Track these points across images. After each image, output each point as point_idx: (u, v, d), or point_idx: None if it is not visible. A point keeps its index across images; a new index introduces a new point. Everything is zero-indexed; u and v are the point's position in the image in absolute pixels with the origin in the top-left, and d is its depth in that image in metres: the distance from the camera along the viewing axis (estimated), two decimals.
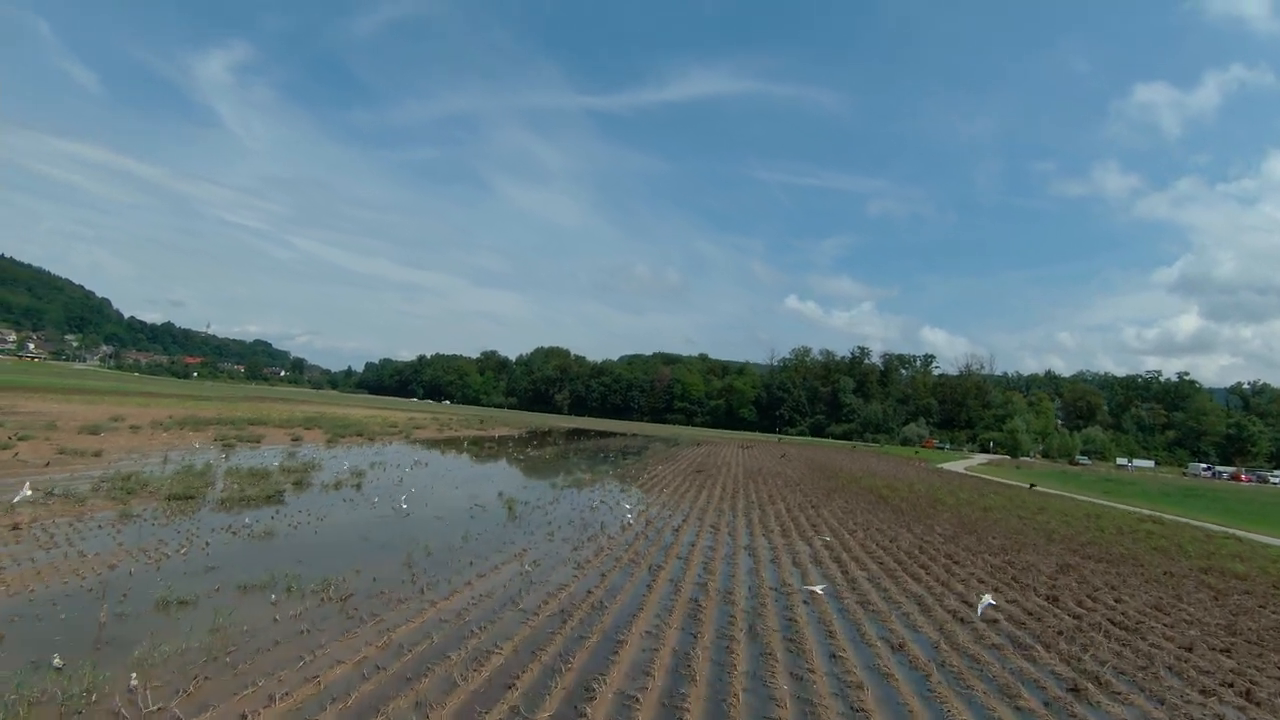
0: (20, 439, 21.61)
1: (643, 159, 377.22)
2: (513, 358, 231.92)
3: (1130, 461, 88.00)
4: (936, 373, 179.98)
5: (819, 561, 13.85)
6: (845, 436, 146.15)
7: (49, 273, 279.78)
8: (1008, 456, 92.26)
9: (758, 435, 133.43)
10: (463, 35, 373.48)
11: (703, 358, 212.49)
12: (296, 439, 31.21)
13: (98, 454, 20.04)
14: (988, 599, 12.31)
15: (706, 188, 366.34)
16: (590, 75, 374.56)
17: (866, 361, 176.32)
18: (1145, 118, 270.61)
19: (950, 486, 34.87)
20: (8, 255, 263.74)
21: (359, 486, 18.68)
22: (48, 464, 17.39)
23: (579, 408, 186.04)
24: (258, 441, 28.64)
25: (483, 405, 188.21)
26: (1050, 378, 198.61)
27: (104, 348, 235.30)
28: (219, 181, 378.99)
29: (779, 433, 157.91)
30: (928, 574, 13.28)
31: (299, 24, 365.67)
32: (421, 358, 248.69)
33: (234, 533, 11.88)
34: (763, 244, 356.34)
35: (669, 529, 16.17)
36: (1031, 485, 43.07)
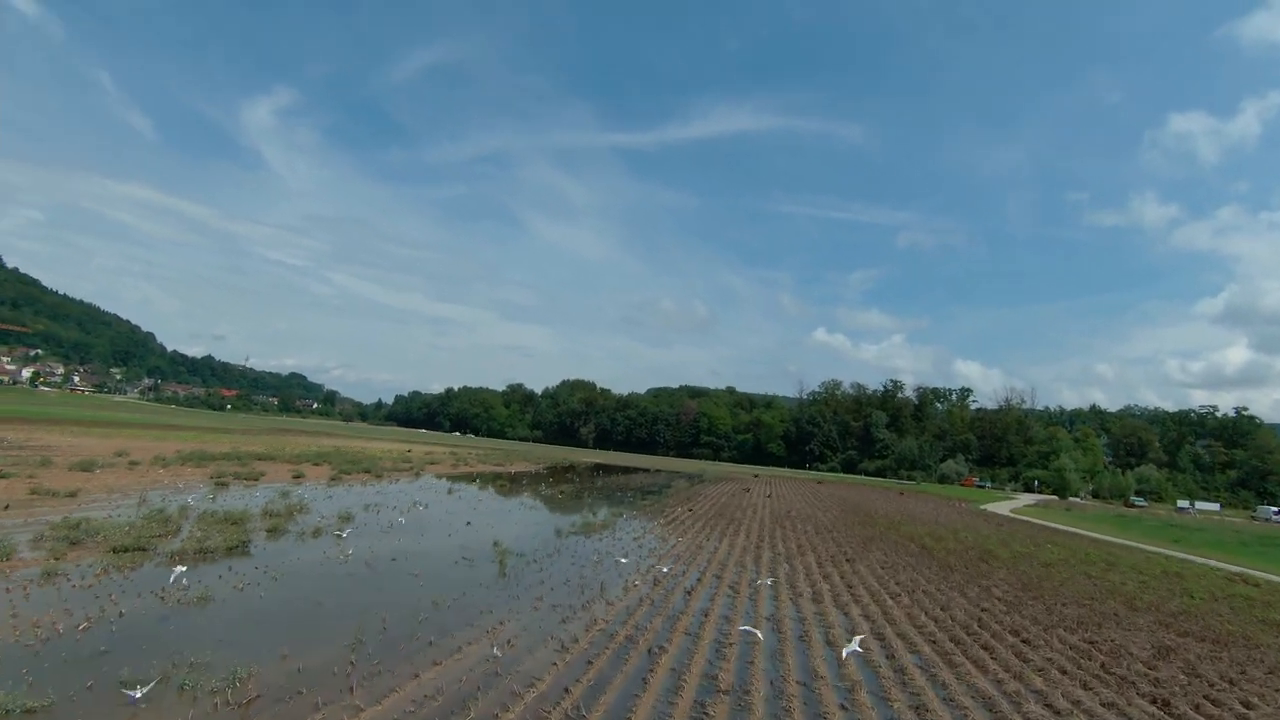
0: (1, 477, 20.55)
1: (670, 194, 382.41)
2: (539, 390, 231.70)
3: (1192, 504, 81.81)
4: (974, 407, 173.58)
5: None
6: (879, 473, 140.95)
7: (98, 308, 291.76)
8: (1055, 497, 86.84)
9: (789, 471, 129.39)
10: (496, 79, 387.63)
11: (730, 391, 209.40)
12: (299, 476, 29.83)
13: (73, 494, 18.75)
14: (857, 642, 10.09)
15: (733, 222, 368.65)
16: (618, 114, 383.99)
17: (900, 395, 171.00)
18: (1182, 147, 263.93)
19: (1000, 534, 31.71)
20: (60, 291, 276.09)
21: (341, 534, 16.92)
22: (6, 507, 16.07)
23: (604, 441, 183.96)
24: (256, 479, 27.29)
25: (508, 438, 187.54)
26: (1095, 412, 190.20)
27: (146, 380, 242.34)
28: (263, 221, 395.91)
29: (810, 468, 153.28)
30: (994, 659, 10.83)
31: (341, 70, 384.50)
32: (449, 390, 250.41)
33: (163, 598, 10.15)
34: (790, 277, 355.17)
35: (680, 590, 13.97)
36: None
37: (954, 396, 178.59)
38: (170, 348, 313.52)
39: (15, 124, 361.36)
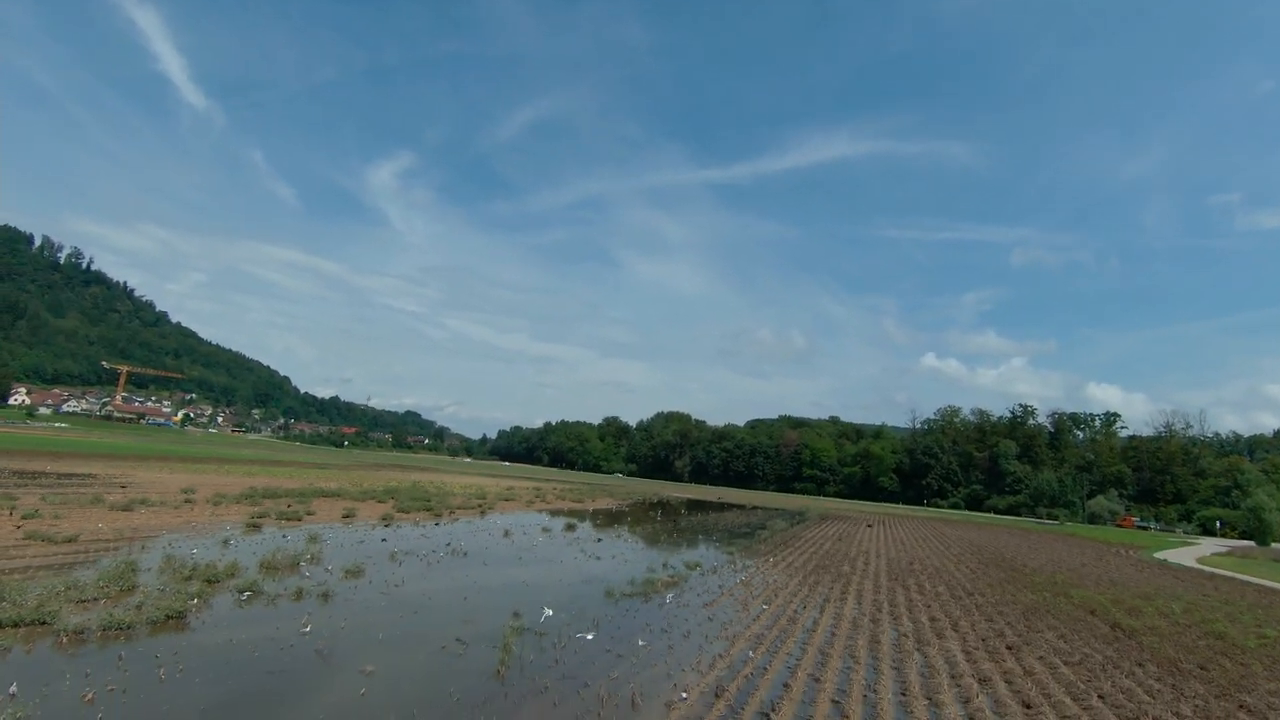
0: (24, 517, 19.24)
1: (766, 226, 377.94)
2: (635, 423, 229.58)
3: None
4: (1124, 434, 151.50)
5: None
6: (1012, 510, 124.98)
7: (244, 355, 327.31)
8: (1250, 542, 71.07)
9: (904, 508, 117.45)
10: (592, 129, 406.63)
11: (833, 421, 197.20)
12: (349, 516, 27.54)
13: (71, 539, 16.79)
14: None
15: (833, 249, 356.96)
16: (710, 151, 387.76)
17: (1031, 422, 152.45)
18: None
19: (1215, 602, 23.61)
20: (214, 342, 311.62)
21: (326, 596, 13.55)
22: None
23: (700, 475, 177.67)
24: (299, 520, 25.13)
25: (603, 472, 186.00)
26: None
27: (279, 420, 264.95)
28: (386, 273, 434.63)
29: (927, 504, 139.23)
30: None
31: (453, 133, 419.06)
32: (547, 425, 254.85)
33: None
34: (896, 302, 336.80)
35: (753, 710, 9.15)
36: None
37: (1097, 423, 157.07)
38: (303, 390, 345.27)
39: (188, 201, 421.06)
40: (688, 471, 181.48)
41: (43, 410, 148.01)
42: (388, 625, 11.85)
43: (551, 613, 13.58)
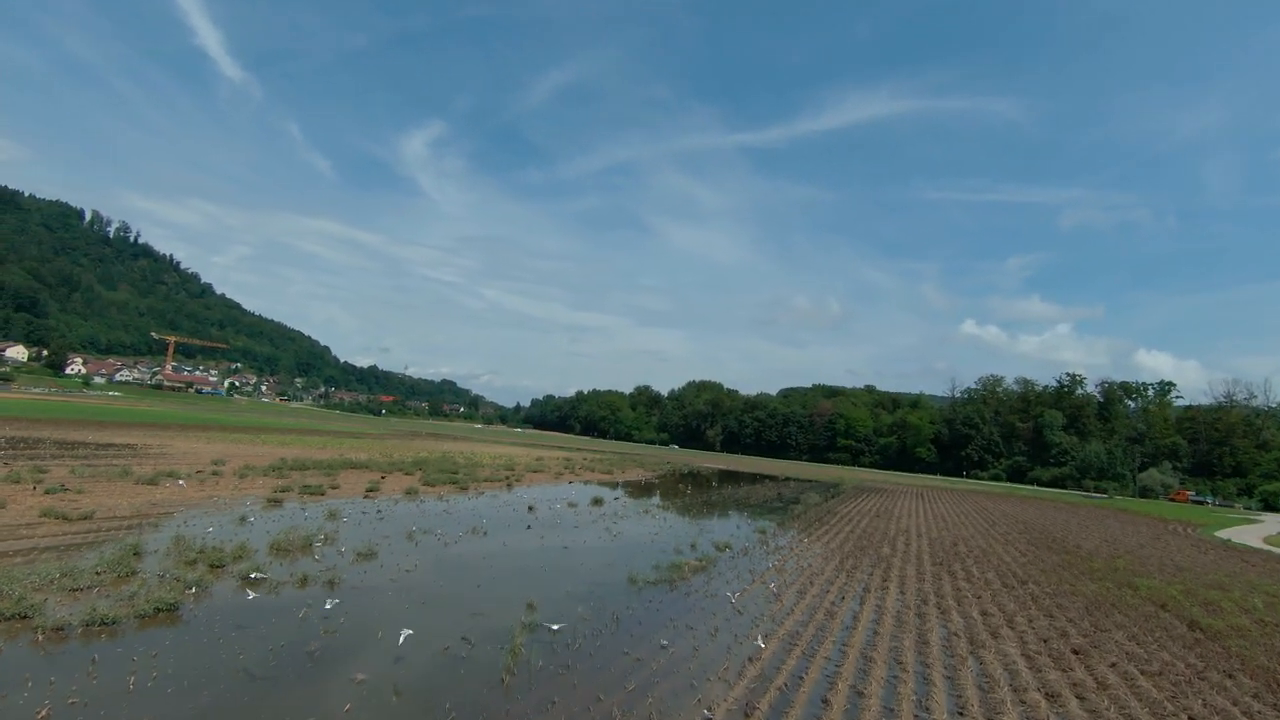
0: (47, 492, 19.18)
1: (801, 190, 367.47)
2: (666, 393, 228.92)
3: None
4: (1179, 404, 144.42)
5: None
6: (1056, 483, 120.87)
7: (286, 325, 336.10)
8: None
9: (942, 480, 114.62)
10: (622, 93, 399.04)
11: (869, 390, 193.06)
12: (373, 490, 27.19)
13: (87, 517, 16.50)
14: None
15: (871, 213, 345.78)
16: (743, 114, 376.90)
17: (1079, 391, 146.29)
18: None
19: None
20: (258, 313, 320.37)
21: (332, 583, 12.85)
22: None
23: (731, 444, 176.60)
24: (322, 494, 24.84)
25: (634, 441, 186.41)
26: None
27: (320, 389, 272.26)
28: (422, 243, 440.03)
29: (966, 475, 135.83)
30: None
31: (482, 101, 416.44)
32: (579, 394, 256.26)
33: None
34: (936, 268, 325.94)
35: None
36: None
37: (1150, 392, 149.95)
38: (343, 359, 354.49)
39: (230, 175, 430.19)
40: (719, 441, 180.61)
41: (98, 379, 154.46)
42: (390, 620, 11.03)
43: (566, 607, 12.65)
